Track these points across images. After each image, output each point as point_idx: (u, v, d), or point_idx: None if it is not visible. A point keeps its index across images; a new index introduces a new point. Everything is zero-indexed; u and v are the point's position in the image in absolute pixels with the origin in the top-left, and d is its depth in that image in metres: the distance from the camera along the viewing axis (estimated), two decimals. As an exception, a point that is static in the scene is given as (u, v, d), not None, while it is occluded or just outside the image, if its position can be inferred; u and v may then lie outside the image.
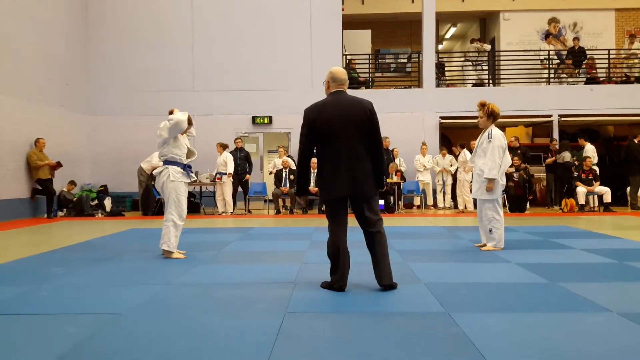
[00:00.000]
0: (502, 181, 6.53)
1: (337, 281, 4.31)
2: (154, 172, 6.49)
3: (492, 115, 6.45)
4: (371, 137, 4.28)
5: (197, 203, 13.64)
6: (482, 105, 6.49)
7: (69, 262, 5.88)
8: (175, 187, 6.06)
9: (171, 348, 3.01)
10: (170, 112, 6.35)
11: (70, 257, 6.28)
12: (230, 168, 12.64)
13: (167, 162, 6.12)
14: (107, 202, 13.31)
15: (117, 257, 6.15)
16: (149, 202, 12.56)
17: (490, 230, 6.44)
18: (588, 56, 15.73)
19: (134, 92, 14.64)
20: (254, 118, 14.69)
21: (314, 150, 4.38)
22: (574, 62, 15.64)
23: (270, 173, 13.54)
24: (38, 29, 12.55)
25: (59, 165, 12.06)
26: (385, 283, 4.25)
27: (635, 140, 13.29)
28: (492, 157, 6.33)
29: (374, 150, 4.30)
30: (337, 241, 4.30)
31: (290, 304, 3.91)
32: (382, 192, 4.44)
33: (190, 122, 6.20)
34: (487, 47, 16.59)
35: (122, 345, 3.07)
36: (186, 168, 6.20)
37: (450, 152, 14.04)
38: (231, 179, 12.71)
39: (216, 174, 12.63)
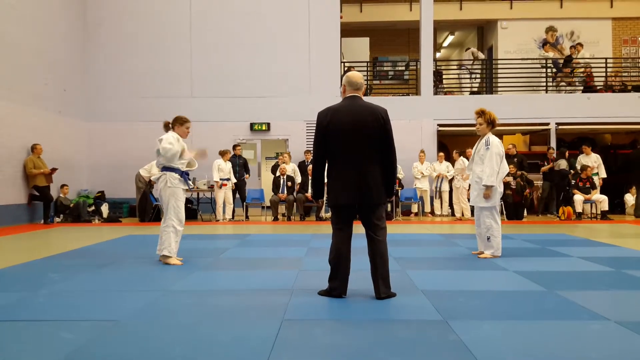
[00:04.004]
0: (500, 188, 6.54)
1: (336, 288, 4.30)
2: (152, 178, 6.50)
3: (491, 123, 6.48)
4: (383, 145, 4.24)
5: (195, 209, 13.62)
6: (482, 113, 6.51)
7: (65, 268, 5.86)
8: (173, 193, 6.07)
9: (168, 355, 3.00)
10: (166, 125, 6.37)
11: (67, 263, 6.26)
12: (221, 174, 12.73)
13: (165, 169, 6.14)
14: (104, 208, 13.28)
15: (114, 264, 6.13)
16: (146, 208, 12.55)
17: (488, 238, 6.44)
18: (585, 65, 15.78)
19: (131, 98, 14.64)
20: (252, 124, 14.70)
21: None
22: (570, 68, 15.69)
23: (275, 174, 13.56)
24: (36, 34, 12.56)
25: (53, 170, 12.03)
26: (383, 296, 4.22)
27: None
28: (490, 164, 6.35)
29: (386, 158, 4.27)
30: (339, 248, 4.28)
31: (287, 311, 3.90)
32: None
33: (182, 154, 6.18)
34: (482, 55, 16.64)
35: (119, 352, 3.06)
36: (184, 175, 6.21)
37: (449, 159, 14.06)
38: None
39: (223, 179, 12.65)
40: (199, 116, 14.51)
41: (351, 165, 4.21)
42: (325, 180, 4.41)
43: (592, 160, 13.42)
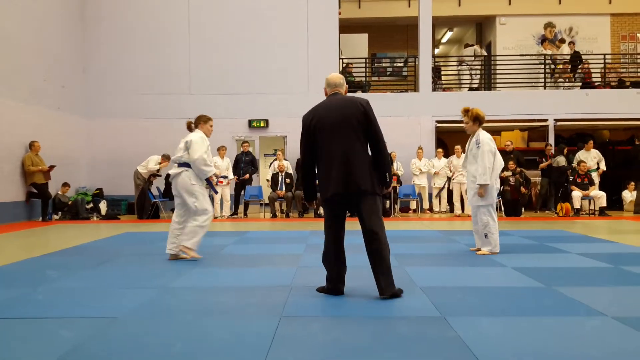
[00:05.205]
0: (497, 184, 6.54)
1: (333, 288, 4.29)
2: (170, 171, 6.56)
3: (477, 119, 6.48)
4: (368, 133, 4.17)
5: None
6: (466, 111, 6.54)
7: (64, 265, 5.86)
8: (196, 191, 6.15)
9: (167, 352, 3.01)
10: (189, 125, 6.45)
11: (66, 260, 6.26)
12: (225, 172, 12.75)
13: (183, 164, 6.19)
14: (103, 206, 13.26)
15: (113, 261, 6.13)
16: (144, 205, 12.54)
17: (486, 235, 6.44)
18: (583, 61, 15.79)
19: (130, 95, 14.60)
20: (250, 121, 14.68)
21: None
22: (571, 67, 15.69)
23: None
24: (34, 30, 12.51)
25: (51, 168, 12.00)
26: (387, 295, 4.08)
27: None
28: (482, 162, 6.33)
29: (373, 146, 4.21)
30: (329, 250, 4.24)
31: (286, 308, 3.90)
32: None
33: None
34: (484, 52, 16.66)
35: (118, 349, 3.06)
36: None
37: (447, 156, 14.07)
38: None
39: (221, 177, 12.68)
40: (196, 113, 14.10)
41: (336, 157, 4.14)
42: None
43: (591, 156, 13.44)
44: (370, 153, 4.24)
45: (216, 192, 8.85)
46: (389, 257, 4.15)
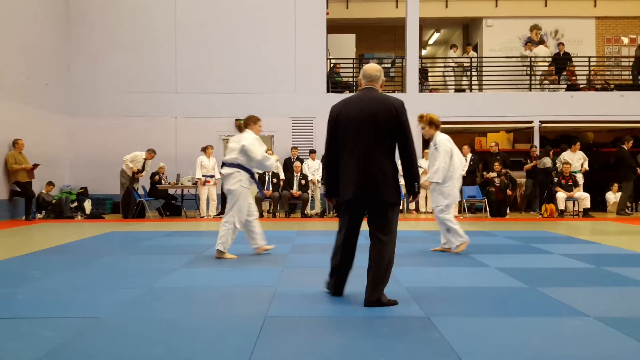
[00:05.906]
0: (459, 184, 6.69)
1: (331, 287, 4.26)
2: (222, 171, 6.56)
3: (432, 123, 6.68)
4: (398, 138, 3.94)
5: (179, 206, 13.56)
6: (421, 117, 6.72)
7: (47, 265, 5.80)
8: (244, 193, 6.18)
9: (150, 352, 2.99)
10: (238, 125, 6.59)
11: (49, 260, 6.20)
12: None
13: (236, 166, 6.20)
14: (87, 205, 13.15)
15: (97, 261, 6.08)
16: (129, 204, 12.45)
17: (448, 230, 6.59)
18: (568, 63, 15.92)
19: (115, 93, 14.48)
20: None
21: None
22: (558, 69, 15.82)
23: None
24: (18, 27, 12.37)
25: (35, 166, 11.87)
26: (366, 303, 3.90)
27: (625, 147, 13.46)
28: (438, 162, 6.53)
29: (402, 152, 3.98)
30: (337, 253, 4.12)
31: (270, 308, 3.90)
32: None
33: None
34: (474, 53, 16.78)
35: (100, 350, 3.04)
36: (253, 177, 6.35)
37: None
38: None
39: (206, 176, 12.63)
40: (182, 112, 14.46)
41: (357, 159, 3.91)
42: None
43: (577, 158, 13.57)
44: (397, 159, 4.03)
45: (264, 196, 8.83)
46: (385, 268, 3.95)
